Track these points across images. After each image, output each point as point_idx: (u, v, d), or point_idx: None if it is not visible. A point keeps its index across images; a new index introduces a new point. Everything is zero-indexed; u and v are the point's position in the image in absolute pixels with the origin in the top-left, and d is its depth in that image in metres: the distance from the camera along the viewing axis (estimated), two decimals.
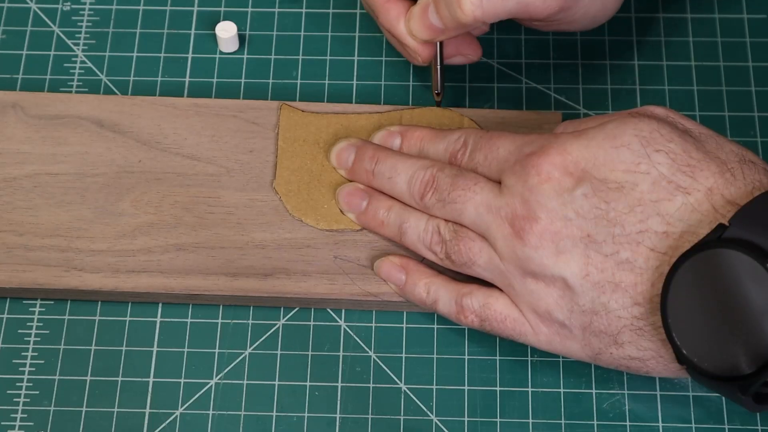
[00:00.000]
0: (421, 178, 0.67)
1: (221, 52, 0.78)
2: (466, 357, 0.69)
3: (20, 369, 0.68)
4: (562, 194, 0.61)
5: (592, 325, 0.62)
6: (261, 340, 0.69)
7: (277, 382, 0.68)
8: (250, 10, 0.79)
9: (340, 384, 0.68)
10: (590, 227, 0.61)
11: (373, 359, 0.69)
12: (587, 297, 0.62)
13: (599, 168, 0.61)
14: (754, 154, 0.62)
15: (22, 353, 0.69)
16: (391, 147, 0.71)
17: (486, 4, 0.66)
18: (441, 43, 0.71)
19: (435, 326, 0.70)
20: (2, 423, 0.67)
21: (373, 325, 0.70)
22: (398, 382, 0.68)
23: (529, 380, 0.68)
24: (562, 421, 0.67)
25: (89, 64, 0.77)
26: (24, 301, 0.70)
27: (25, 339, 0.69)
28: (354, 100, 0.76)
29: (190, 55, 0.78)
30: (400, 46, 0.72)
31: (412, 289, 0.68)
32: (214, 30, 0.78)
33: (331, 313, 0.70)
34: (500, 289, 0.65)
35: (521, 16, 0.68)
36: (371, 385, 0.68)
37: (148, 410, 0.67)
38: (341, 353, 0.69)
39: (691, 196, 0.60)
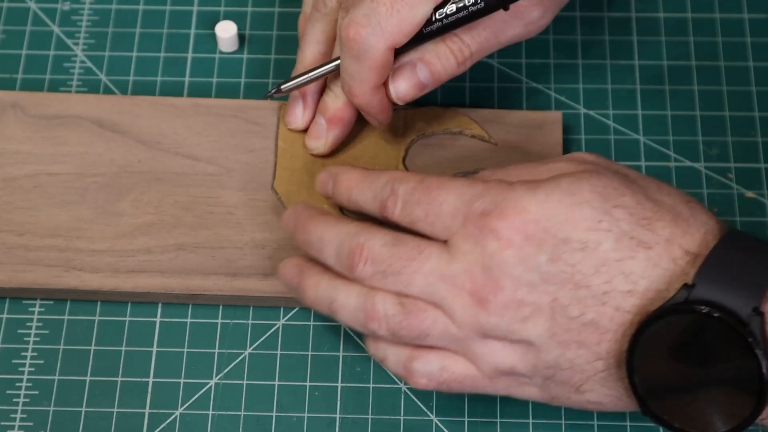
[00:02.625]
0: (348, 248, 0.62)
1: (221, 52, 0.78)
2: None
3: (20, 369, 0.68)
4: (525, 260, 0.59)
5: (555, 377, 0.61)
6: (261, 340, 0.69)
7: (277, 382, 0.68)
8: (250, 9, 0.79)
9: (340, 384, 0.68)
10: (556, 291, 0.59)
11: (373, 359, 0.69)
12: (552, 354, 0.60)
13: (561, 226, 0.59)
14: (694, 198, 0.62)
15: (22, 353, 0.69)
16: (327, 193, 0.68)
17: (473, 58, 0.68)
18: None
19: None
20: (2, 423, 0.67)
21: None
22: (398, 382, 0.68)
23: None
24: (563, 422, 0.67)
25: (89, 64, 0.77)
26: (24, 301, 0.70)
27: (25, 339, 0.69)
28: None
29: (189, 55, 0.78)
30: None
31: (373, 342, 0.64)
32: (213, 30, 0.78)
33: None
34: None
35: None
36: (371, 385, 0.68)
37: (147, 410, 0.67)
38: (341, 353, 0.69)
39: (652, 251, 0.59)
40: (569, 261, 0.58)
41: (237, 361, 0.69)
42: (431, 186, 0.62)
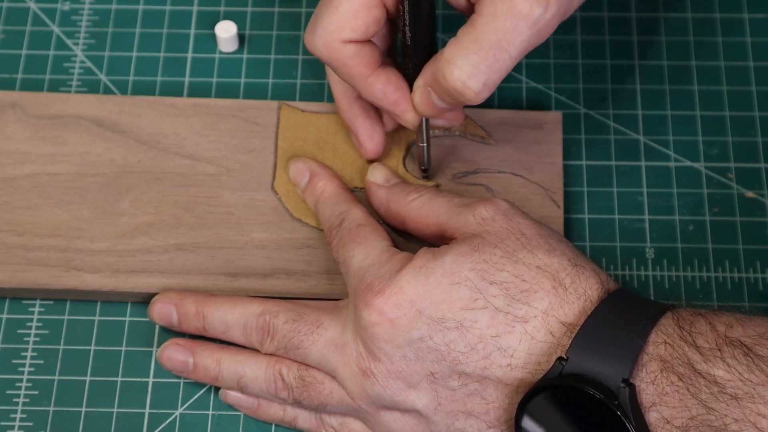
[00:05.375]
0: (255, 326, 0.65)
1: (221, 52, 0.78)
2: None
3: (20, 369, 0.68)
4: (394, 337, 0.60)
5: None
6: None
7: None
8: (249, 9, 0.79)
9: None
10: (432, 366, 0.60)
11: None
12: (442, 424, 0.61)
13: (437, 306, 0.60)
14: (583, 255, 0.62)
15: (22, 353, 0.69)
16: (301, 185, 0.71)
17: (488, 85, 0.62)
18: (427, 119, 0.68)
19: None
20: (2, 423, 0.67)
21: None
22: None
23: None
24: None
25: (89, 64, 0.77)
26: (23, 301, 0.70)
27: (25, 339, 0.69)
28: None
29: (189, 55, 0.78)
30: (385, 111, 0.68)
31: (267, 410, 0.66)
32: (213, 30, 0.78)
33: None
34: None
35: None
36: None
37: (147, 410, 0.67)
38: None
39: (528, 324, 0.59)
40: (443, 340, 0.60)
41: None
42: (358, 234, 0.65)
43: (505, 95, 0.76)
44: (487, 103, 0.75)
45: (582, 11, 0.79)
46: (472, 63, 0.61)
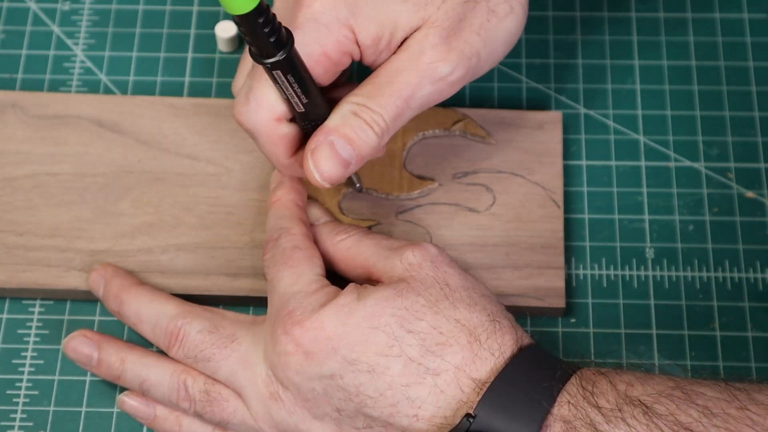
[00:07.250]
0: (165, 328, 0.65)
1: (221, 52, 0.78)
2: None
3: (20, 369, 0.68)
4: (305, 370, 0.60)
5: None
6: None
7: None
8: None
9: None
10: (339, 403, 0.60)
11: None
12: None
13: (352, 347, 0.60)
14: (503, 310, 0.62)
15: (22, 353, 0.69)
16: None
17: (391, 127, 0.62)
18: None
19: None
20: (2, 423, 0.67)
21: None
22: None
23: None
24: None
25: (89, 64, 0.77)
26: (23, 301, 0.70)
27: (25, 339, 0.69)
28: None
29: (190, 55, 0.78)
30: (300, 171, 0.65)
31: (162, 423, 0.66)
32: (214, 30, 0.77)
33: None
34: None
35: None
36: None
37: None
38: None
39: (439, 378, 0.59)
40: (354, 381, 0.60)
41: None
42: (291, 257, 0.64)
43: (505, 95, 0.76)
44: (487, 103, 0.75)
45: (582, 11, 0.79)
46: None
